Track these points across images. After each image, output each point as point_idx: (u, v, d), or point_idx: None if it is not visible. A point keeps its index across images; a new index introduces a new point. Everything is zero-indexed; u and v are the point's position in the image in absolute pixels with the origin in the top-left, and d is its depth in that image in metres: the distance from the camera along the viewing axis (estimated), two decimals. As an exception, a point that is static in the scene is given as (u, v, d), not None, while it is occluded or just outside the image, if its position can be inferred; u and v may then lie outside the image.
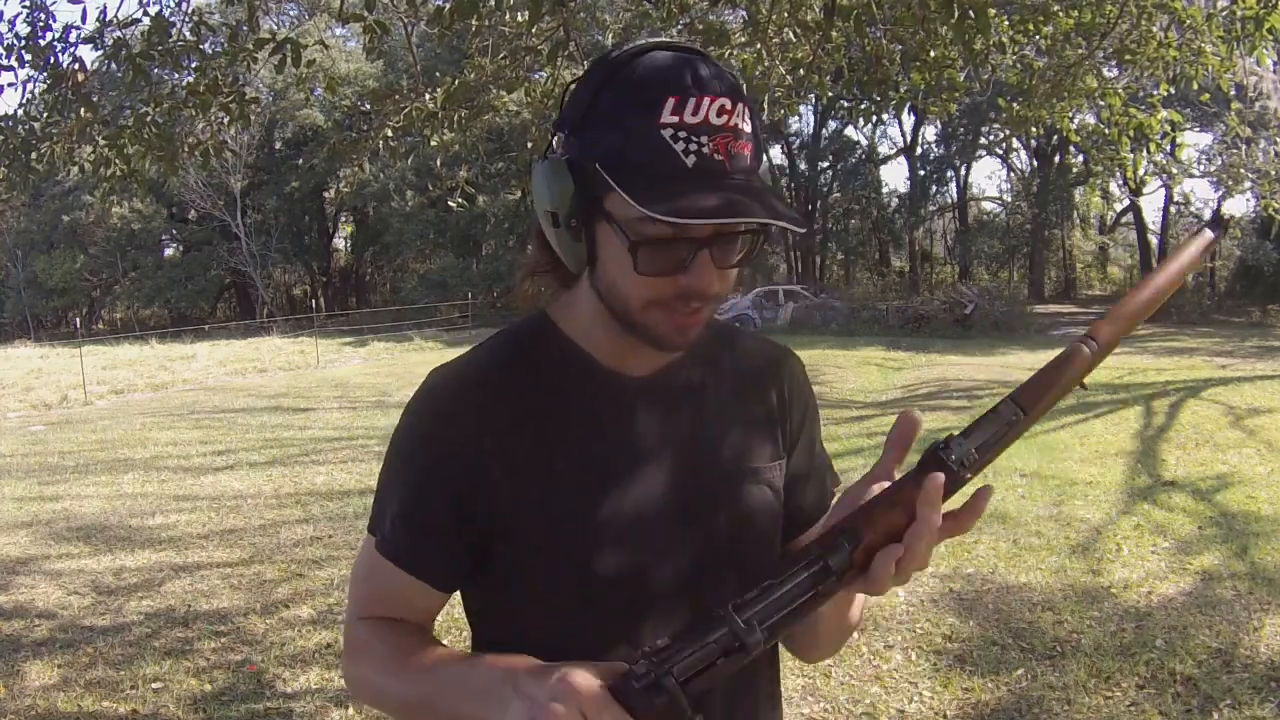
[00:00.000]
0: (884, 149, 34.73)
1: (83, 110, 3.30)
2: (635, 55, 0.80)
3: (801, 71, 3.96)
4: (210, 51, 3.45)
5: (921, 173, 32.23)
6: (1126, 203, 31.57)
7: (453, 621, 3.50)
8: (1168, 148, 4.85)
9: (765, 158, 0.83)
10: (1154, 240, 30.43)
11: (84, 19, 3.48)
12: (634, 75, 0.79)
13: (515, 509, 0.85)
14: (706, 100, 0.76)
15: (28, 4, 3.34)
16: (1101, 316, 0.79)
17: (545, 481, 0.86)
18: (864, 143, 33.08)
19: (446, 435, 0.87)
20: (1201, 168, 24.75)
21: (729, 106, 0.77)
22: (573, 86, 0.84)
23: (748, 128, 0.79)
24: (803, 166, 32.89)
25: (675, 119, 0.76)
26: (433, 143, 4.38)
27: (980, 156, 32.74)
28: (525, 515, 0.85)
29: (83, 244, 31.28)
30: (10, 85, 3.43)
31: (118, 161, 3.50)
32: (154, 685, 3.46)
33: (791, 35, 3.82)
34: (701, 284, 0.80)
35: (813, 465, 1.02)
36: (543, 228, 0.85)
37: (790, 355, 1.03)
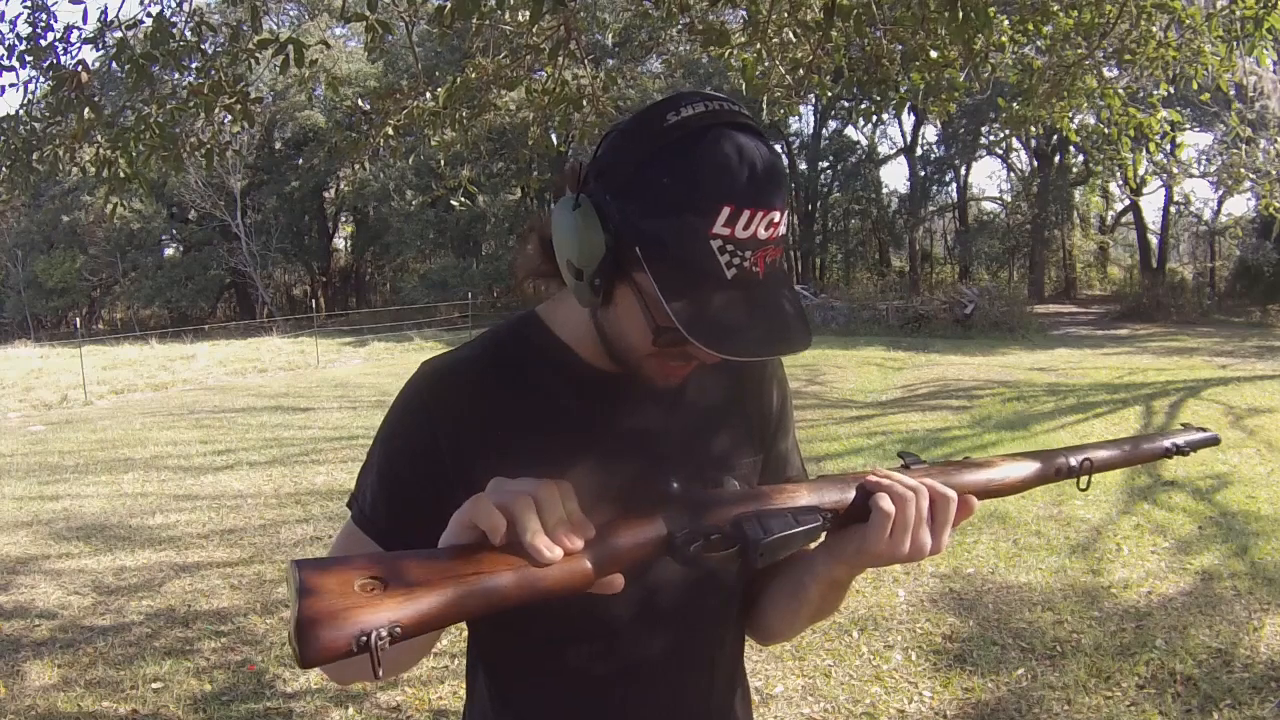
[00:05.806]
0: (884, 149, 34.73)
1: (86, 111, 3.29)
2: (696, 132, 0.77)
3: (801, 71, 3.96)
4: (211, 51, 3.45)
5: (921, 173, 32.20)
6: (1126, 203, 31.56)
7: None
8: (1168, 148, 4.86)
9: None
10: (1154, 240, 30.41)
11: (85, 19, 3.48)
12: (693, 163, 0.76)
13: None
14: (760, 215, 0.76)
15: (29, 4, 3.34)
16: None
17: (521, 468, 0.86)
18: (864, 143, 33.09)
19: (429, 419, 0.90)
20: (1201, 168, 24.76)
21: (777, 219, 0.77)
22: (616, 134, 0.82)
23: (784, 228, 0.79)
24: (803, 166, 32.86)
25: (727, 231, 0.75)
26: (434, 142, 4.39)
27: (980, 156, 32.73)
28: None
29: (83, 244, 31.24)
30: (11, 86, 3.43)
31: (121, 163, 3.49)
32: (154, 685, 3.46)
33: (791, 35, 3.82)
34: (705, 357, 0.83)
35: (788, 465, 1.05)
36: (560, 268, 0.85)
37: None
